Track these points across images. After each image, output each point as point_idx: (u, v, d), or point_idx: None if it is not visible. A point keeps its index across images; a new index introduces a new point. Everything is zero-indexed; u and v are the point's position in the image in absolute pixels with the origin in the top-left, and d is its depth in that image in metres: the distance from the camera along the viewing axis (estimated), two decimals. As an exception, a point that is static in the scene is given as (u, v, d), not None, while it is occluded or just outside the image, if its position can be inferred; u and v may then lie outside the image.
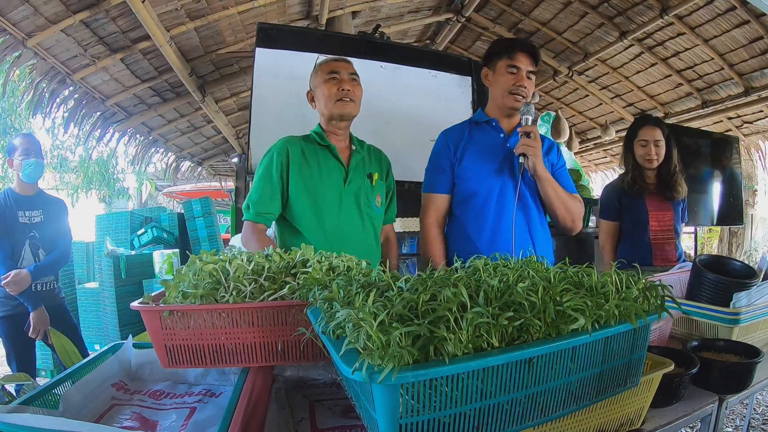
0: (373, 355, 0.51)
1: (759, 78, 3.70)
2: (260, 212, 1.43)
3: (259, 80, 2.44)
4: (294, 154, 1.46)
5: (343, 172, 1.49)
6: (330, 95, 1.43)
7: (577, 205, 1.52)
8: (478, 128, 1.57)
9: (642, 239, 2.12)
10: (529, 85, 1.47)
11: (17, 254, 2.15)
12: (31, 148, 2.15)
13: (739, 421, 2.55)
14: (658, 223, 2.12)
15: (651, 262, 2.06)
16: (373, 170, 1.53)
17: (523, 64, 1.46)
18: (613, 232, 2.22)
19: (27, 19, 2.55)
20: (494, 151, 1.51)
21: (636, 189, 2.11)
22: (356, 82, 1.47)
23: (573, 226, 1.51)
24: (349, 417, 0.83)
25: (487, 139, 1.54)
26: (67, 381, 0.83)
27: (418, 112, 2.80)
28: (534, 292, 0.64)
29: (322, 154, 1.48)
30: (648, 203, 2.11)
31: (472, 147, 1.52)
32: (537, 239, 1.51)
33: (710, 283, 1.29)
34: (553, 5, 3.81)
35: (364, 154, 1.55)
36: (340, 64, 1.47)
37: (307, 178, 1.45)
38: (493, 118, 1.55)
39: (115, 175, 9.13)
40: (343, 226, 1.45)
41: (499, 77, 1.49)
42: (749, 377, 0.98)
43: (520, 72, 1.46)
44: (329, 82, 1.44)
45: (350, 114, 1.46)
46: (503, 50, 1.48)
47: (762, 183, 5.34)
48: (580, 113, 5.33)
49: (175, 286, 0.86)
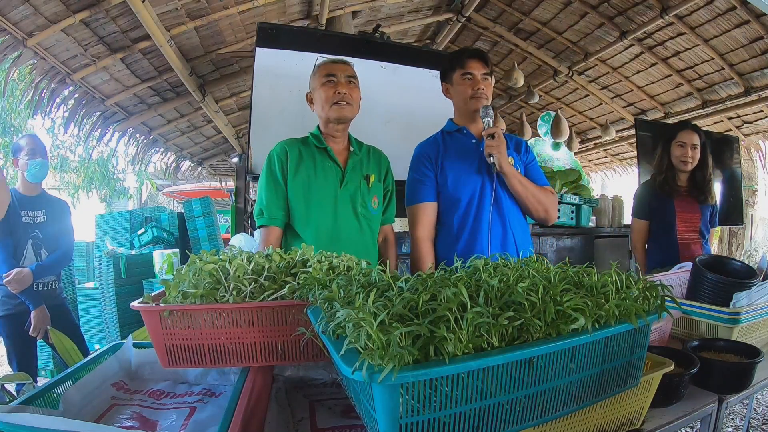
0: (373, 355, 0.51)
1: (759, 78, 3.69)
2: (273, 216, 1.45)
3: (259, 80, 2.44)
4: (292, 156, 1.47)
5: (340, 174, 1.50)
6: (326, 99, 1.44)
7: (548, 196, 1.58)
8: (451, 137, 1.62)
9: (669, 240, 2.18)
10: (486, 86, 1.54)
11: (19, 253, 2.16)
12: (37, 148, 2.18)
13: (739, 421, 2.55)
14: (684, 225, 2.18)
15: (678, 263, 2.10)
16: (371, 172, 1.54)
17: (476, 69, 1.53)
18: (644, 230, 2.29)
19: (27, 18, 2.55)
20: (469, 156, 1.57)
21: (666, 189, 2.18)
22: (353, 85, 1.47)
23: (546, 216, 1.57)
24: (349, 417, 0.83)
25: (461, 146, 1.59)
26: (67, 381, 0.84)
27: (418, 112, 2.80)
28: (534, 292, 0.64)
29: (319, 157, 1.49)
30: (677, 205, 2.18)
31: (449, 155, 1.58)
32: (516, 232, 1.57)
33: (710, 283, 1.29)
34: (553, 5, 3.81)
35: (361, 155, 1.56)
36: (338, 66, 1.47)
37: (304, 180, 1.46)
38: (463, 126, 1.61)
39: (116, 175, 9.12)
40: (338, 227, 1.46)
41: (458, 87, 1.56)
42: (749, 377, 0.98)
43: (475, 77, 1.53)
44: (326, 86, 1.44)
45: (346, 117, 1.47)
46: (455, 62, 1.56)
47: (762, 183, 5.33)
48: (580, 113, 5.33)
49: (175, 286, 0.86)
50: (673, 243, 2.17)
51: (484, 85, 1.53)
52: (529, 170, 1.63)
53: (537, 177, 1.62)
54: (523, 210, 1.59)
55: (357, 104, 1.49)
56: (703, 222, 2.18)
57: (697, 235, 2.19)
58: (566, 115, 4.80)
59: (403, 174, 1.60)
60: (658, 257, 2.19)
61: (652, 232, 2.26)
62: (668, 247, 2.18)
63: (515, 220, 1.57)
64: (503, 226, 1.54)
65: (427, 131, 1.69)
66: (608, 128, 4.88)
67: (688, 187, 2.19)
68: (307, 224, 1.45)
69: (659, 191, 2.20)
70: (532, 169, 1.64)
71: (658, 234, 2.24)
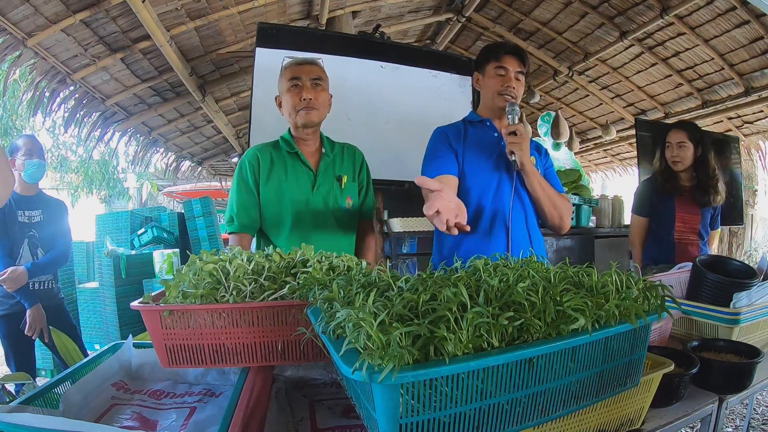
0: (373, 355, 0.51)
1: (759, 78, 3.69)
2: (244, 223, 1.44)
3: (259, 80, 2.45)
4: (264, 162, 1.46)
5: (312, 177, 1.49)
6: (292, 106, 1.43)
7: (564, 203, 1.54)
8: (473, 128, 1.59)
9: (666, 238, 2.19)
10: (517, 85, 1.51)
11: (16, 253, 2.16)
12: (34, 149, 2.18)
13: (739, 421, 2.55)
14: (683, 225, 2.19)
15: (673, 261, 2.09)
16: (344, 172, 1.53)
17: (511, 65, 1.50)
18: (643, 227, 2.31)
19: (27, 18, 2.55)
20: (491, 149, 1.53)
21: (667, 188, 2.19)
22: (320, 87, 1.44)
23: (561, 223, 1.53)
24: (349, 417, 0.83)
25: (482, 138, 1.56)
26: (67, 381, 0.84)
27: (418, 112, 2.80)
28: (534, 292, 0.64)
29: (290, 161, 1.48)
30: (678, 204, 2.18)
31: (471, 145, 1.54)
32: (534, 236, 1.53)
33: (710, 283, 1.29)
34: (553, 5, 3.81)
35: (334, 155, 1.54)
36: (303, 68, 1.44)
37: (276, 185, 1.45)
38: (487, 119, 1.58)
39: (116, 175, 9.13)
40: (312, 231, 1.45)
41: (489, 80, 1.53)
42: (749, 377, 0.98)
43: (508, 73, 1.50)
44: (291, 91, 1.42)
45: (313, 122, 1.45)
46: (491, 54, 1.53)
47: (762, 183, 5.33)
48: (580, 113, 5.33)
49: (176, 286, 0.86)
50: (670, 242, 2.18)
51: (515, 84, 1.50)
52: (547, 176, 1.58)
53: (554, 183, 1.57)
54: (538, 213, 1.54)
55: (325, 106, 1.48)
56: (703, 224, 2.18)
57: (695, 237, 2.19)
58: (566, 115, 4.81)
59: (402, 174, 1.60)
60: (653, 254, 2.20)
61: (651, 230, 2.27)
62: (665, 246, 2.18)
63: (532, 222, 1.53)
64: (526, 226, 1.50)
65: (427, 131, 1.68)
66: (608, 128, 4.88)
67: (692, 187, 2.19)
68: (280, 230, 1.45)
69: (661, 190, 2.21)
70: (549, 175, 1.60)
71: (656, 232, 2.25)
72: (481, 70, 1.57)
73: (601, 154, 6.33)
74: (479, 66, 1.58)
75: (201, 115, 4.61)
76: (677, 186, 2.19)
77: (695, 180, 2.19)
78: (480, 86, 1.59)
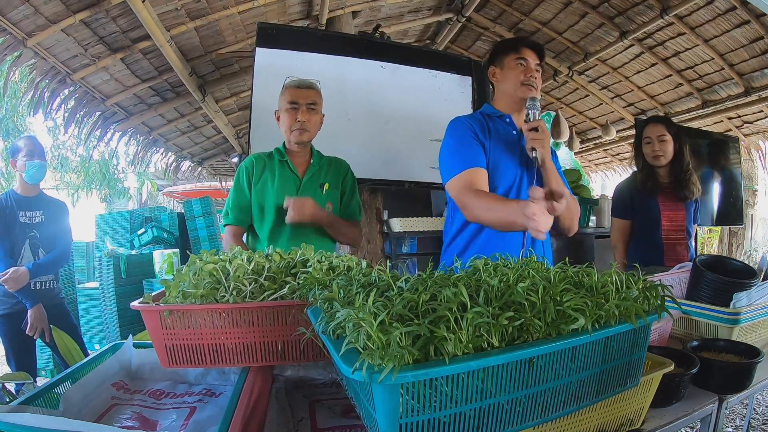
0: (373, 355, 0.51)
1: (759, 78, 3.69)
2: (238, 217, 1.66)
3: (259, 80, 2.45)
4: (257, 167, 1.67)
5: (297, 183, 1.67)
6: (288, 125, 1.63)
7: (576, 205, 1.53)
8: (492, 122, 1.54)
9: (653, 238, 2.13)
10: (537, 77, 1.49)
11: (17, 253, 2.17)
12: (35, 150, 2.19)
13: (739, 421, 2.55)
14: (670, 223, 2.12)
15: (662, 262, 2.05)
16: (327, 180, 1.72)
17: (530, 57, 1.48)
18: (624, 230, 2.22)
19: (27, 18, 2.55)
20: (511, 146, 1.51)
21: (649, 187, 2.12)
22: (314, 111, 1.64)
23: (572, 225, 1.52)
24: (349, 417, 0.83)
25: (503, 134, 1.52)
26: (67, 380, 0.84)
27: (418, 112, 2.80)
28: (534, 292, 0.64)
29: (279, 168, 1.68)
30: (661, 202, 2.12)
31: (495, 140, 1.50)
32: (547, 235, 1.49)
33: (710, 283, 1.29)
34: (553, 5, 3.81)
35: (321, 166, 1.73)
36: (301, 92, 1.62)
37: (264, 189, 1.65)
38: (507, 114, 1.54)
39: (116, 175, 9.12)
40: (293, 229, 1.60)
41: (509, 72, 1.50)
42: (749, 377, 0.98)
43: (528, 64, 1.48)
44: (288, 112, 1.62)
45: (304, 142, 1.66)
46: (509, 46, 1.51)
47: (762, 183, 5.34)
48: (580, 113, 5.33)
49: (176, 286, 0.86)
50: (658, 242, 2.11)
51: (536, 74, 1.48)
52: None
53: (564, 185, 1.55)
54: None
55: (317, 127, 1.68)
56: (688, 219, 2.13)
57: (683, 235, 2.13)
58: (566, 115, 4.81)
59: (403, 174, 1.60)
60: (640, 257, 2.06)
61: (636, 232, 2.19)
62: (652, 247, 2.12)
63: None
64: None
65: (427, 131, 1.68)
66: (608, 128, 4.88)
67: (671, 183, 2.12)
68: (263, 225, 1.64)
69: (642, 189, 2.14)
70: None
71: (642, 233, 2.17)
72: (498, 64, 1.53)
73: (601, 154, 6.33)
74: (495, 60, 1.55)
75: (201, 115, 4.61)
76: (659, 183, 2.12)
77: (673, 175, 2.12)
78: (497, 79, 1.55)
